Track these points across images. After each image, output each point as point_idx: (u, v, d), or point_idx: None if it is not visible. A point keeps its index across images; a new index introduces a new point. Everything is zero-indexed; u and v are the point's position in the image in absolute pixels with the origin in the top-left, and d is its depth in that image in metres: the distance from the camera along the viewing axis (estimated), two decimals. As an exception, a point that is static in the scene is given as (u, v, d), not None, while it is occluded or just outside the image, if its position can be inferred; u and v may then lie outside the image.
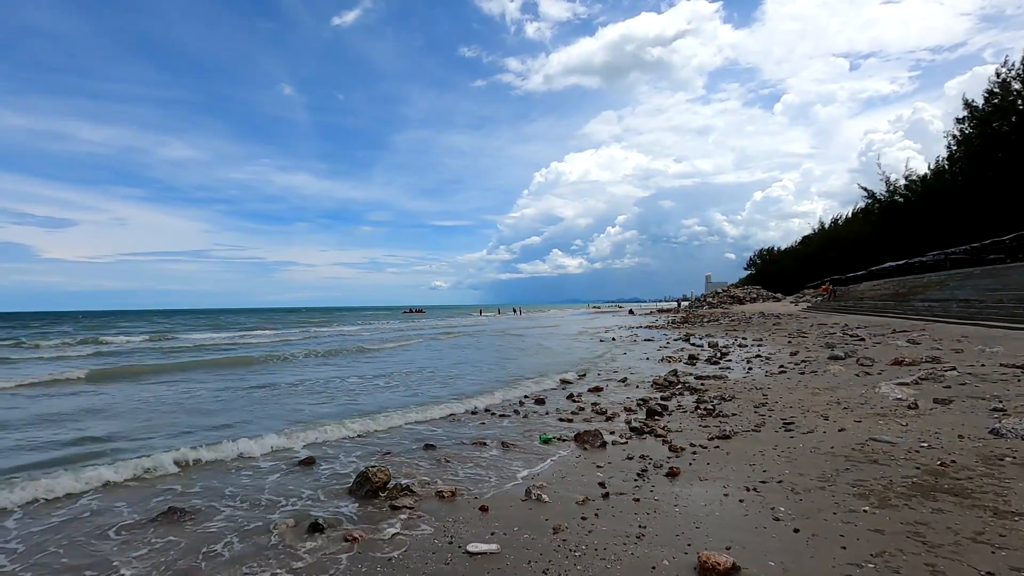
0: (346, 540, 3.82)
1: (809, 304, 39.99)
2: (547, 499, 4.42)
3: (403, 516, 4.23)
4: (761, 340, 18.20)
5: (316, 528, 4.01)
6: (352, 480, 4.98)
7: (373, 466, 4.92)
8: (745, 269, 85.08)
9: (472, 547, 3.57)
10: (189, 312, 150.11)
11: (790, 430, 6.14)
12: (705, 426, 6.66)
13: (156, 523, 4.24)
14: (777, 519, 3.76)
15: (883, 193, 44.35)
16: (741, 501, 4.15)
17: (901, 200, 41.81)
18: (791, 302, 46.42)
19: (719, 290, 64.82)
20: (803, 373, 10.19)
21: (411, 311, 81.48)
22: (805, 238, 69.45)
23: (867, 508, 3.81)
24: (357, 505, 4.53)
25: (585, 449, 5.96)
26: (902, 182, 42.17)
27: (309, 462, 5.87)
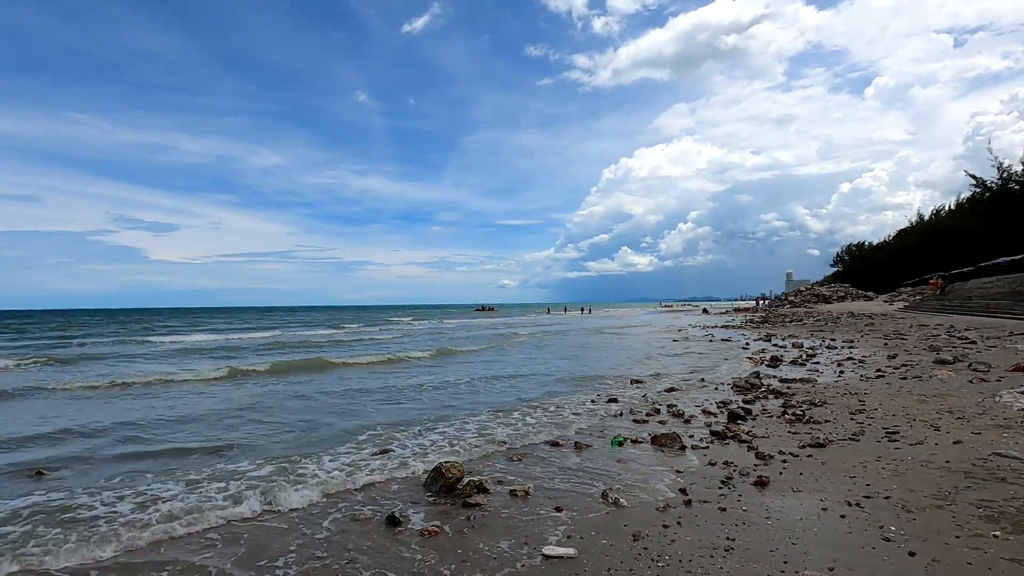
0: (422, 535, 3.83)
1: (906, 303, 36.74)
2: (625, 503, 4.23)
3: (477, 514, 4.19)
4: (852, 342, 16.86)
5: (393, 521, 4.06)
6: (426, 475, 5.01)
7: (447, 462, 4.93)
8: (831, 266, 79.38)
9: (548, 550, 3.46)
10: (278, 309, 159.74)
11: (894, 440, 5.57)
12: (795, 433, 6.18)
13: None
14: (888, 539, 3.38)
15: (994, 181, 39.77)
16: (843, 517, 3.78)
17: (1017, 188, 37.41)
18: (884, 301, 42.85)
19: (801, 288, 61.02)
20: (905, 378, 9.28)
21: (482, 309, 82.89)
22: (901, 232, 63.76)
23: (998, 533, 3.34)
24: (431, 500, 4.55)
25: (662, 452, 5.70)
26: (1017, 168, 37.69)
27: (383, 452, 6.00)
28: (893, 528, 3.53)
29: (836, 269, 77.03)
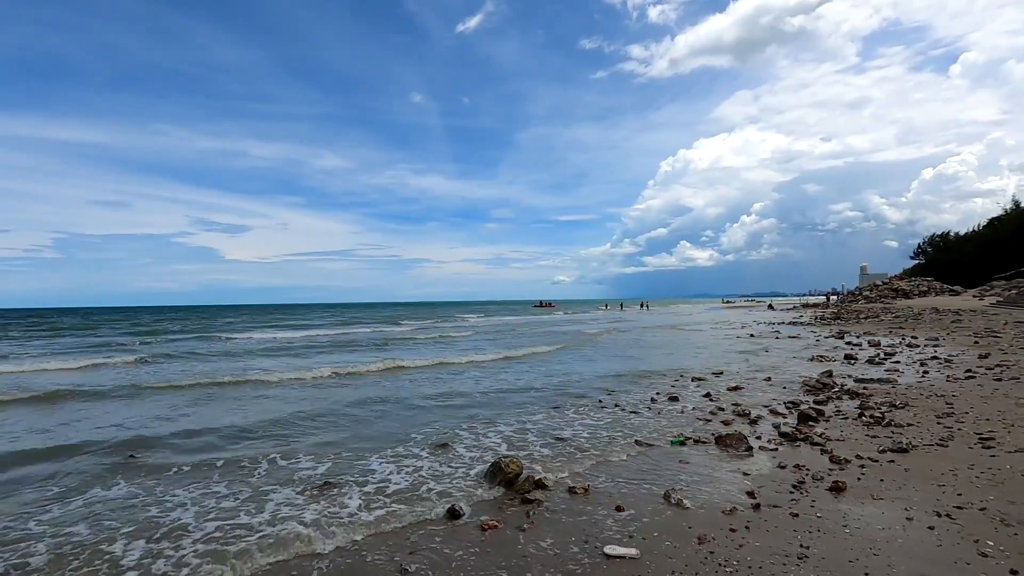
0: (482, 529, 3.86)
1: (999, 298, 33.67)
2: (688, 505, 4.10)
3: (536, 509, 4.18)
4: (937, 340, 15.64)
5: (454, 514, 4.12)
6: (485, 468, 5.06)
7: (505, 457, 4.95)
8: (911, 258, 73.69)
9: (610, 549, 3.40)
10: (342, 305, 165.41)
11: (989, 447, 5.11)
12: (873, 436, 5.80)
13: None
14: (984, 555, 3.10)
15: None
16: (931, 528, 3.50)
17: None
18: (974, 296, 39.46)
19: (878, 282, 57.18)
20: (1000, 380, 8.51)
21: (541, 304, 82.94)
22: (993, 220, 58.33)
23: (1119, 554, 3.00)
24: (491, 495, 4.58)
25: (727, 453, 5.48)
26: None
27: (443, 445, 6.10)
28: (991, 543, 3.23)
29: (917, 262, 71.51)
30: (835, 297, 62.53)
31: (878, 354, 12.79)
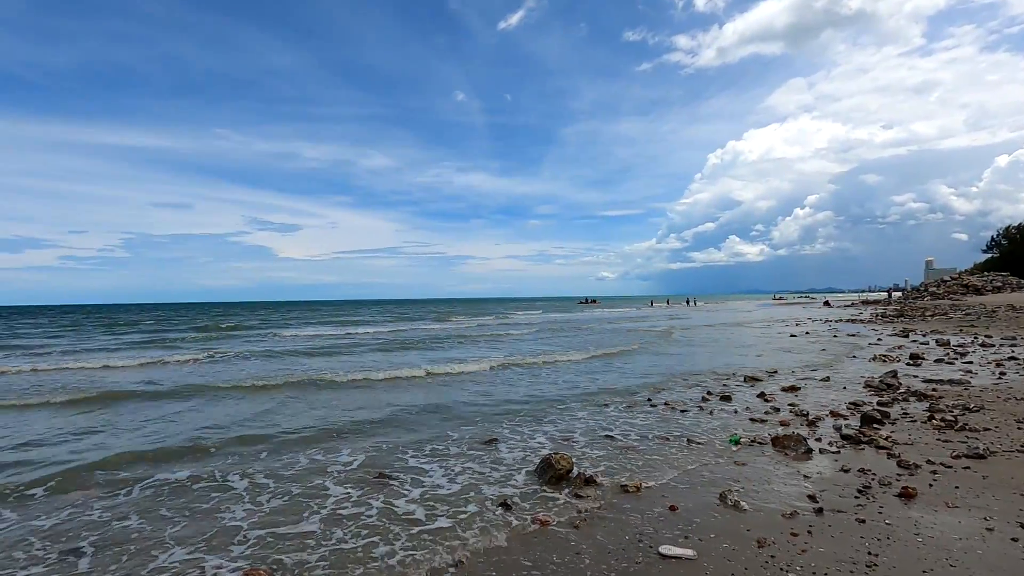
0: (534, 523, 3.88)
1: (1086, 294, 31.07)
2: (746, 507, 3.99)
3: (588, 506, 4.16)
4: (1015, 339, 14.60)
5: (506, 507, 4.15)
6: (535, 464, 5.08)
7: (556, 453, 4.95)
8: (983, 252, 68.83)
9: (665, 549, 3.35)
10: (390, 302, 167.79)
11: (1079, 455, 4.74)
12: (945, 441, 5.47)
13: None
14: (1078, 571, 2.88)
15: None
16: (1015, 540, 3.28)
17: None
18: (1056, 292, 36.57)
19: (945, 278, 53.82)
20: (1089, 382, 7.87)
21: (586, 301, 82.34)
22: (1078, 210, 53.78)
23: None
24: (542, 490, 4.59)
25: (786, 455, 5.29)
26: None
27: (491, 441, 6.16)
28: (1085, 558, 3.00)
29: (990, 256, 66.73)
30: (897, 293, 59.17)
31: (948, 354, 12.06)
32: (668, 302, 73.87)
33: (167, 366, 14.29)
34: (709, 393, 8.73)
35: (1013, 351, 12.13)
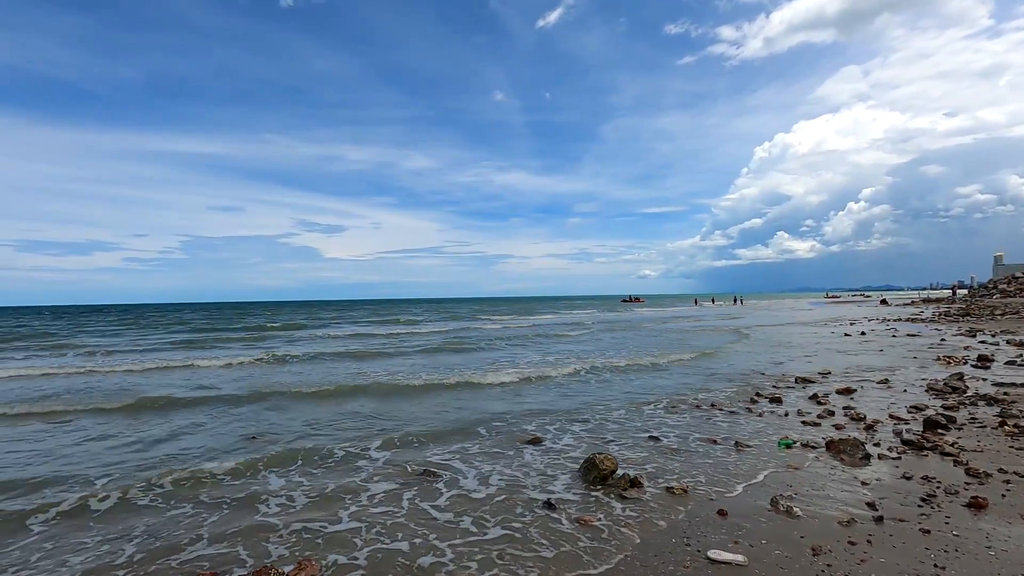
0: (578, 523, 3.86)
1: None
2: (799, 513, 3.85)
3: (633, 508, 4.11)
4: (1097, 340, 13.51)
5: (550, 507, 4.15)
6: (579, 464, 5.05)
7: (600, 453, 4.91)
8: (1061, 246, 63.98)
9: (714, 554, 3.27)
10: (433, 300, 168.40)
11: None
12: (1019, 448, 5.13)
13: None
14: None
15: None
16: (1101, 557, 3.04)
17: None
18: None
19: (1017, 274, 50.32)
20: None
21: (630, 299, 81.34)
22: None
23: None
24: (585, 490, 4.56)
25: (841, 460, 5.07)
26: None
27: (535, 440, 6.16)
28: None
29: (1068, 250, 61.91)
30: (962, 291, 55.75)
31: (1021, 355, 11.28)
32: (713, 300, 71.81)
33: (243, 367, 13.78)
34: (758, 394, 8.46)
35: (1096, 353, 11.23)
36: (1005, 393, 7.64)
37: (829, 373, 10.33)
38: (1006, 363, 10.56)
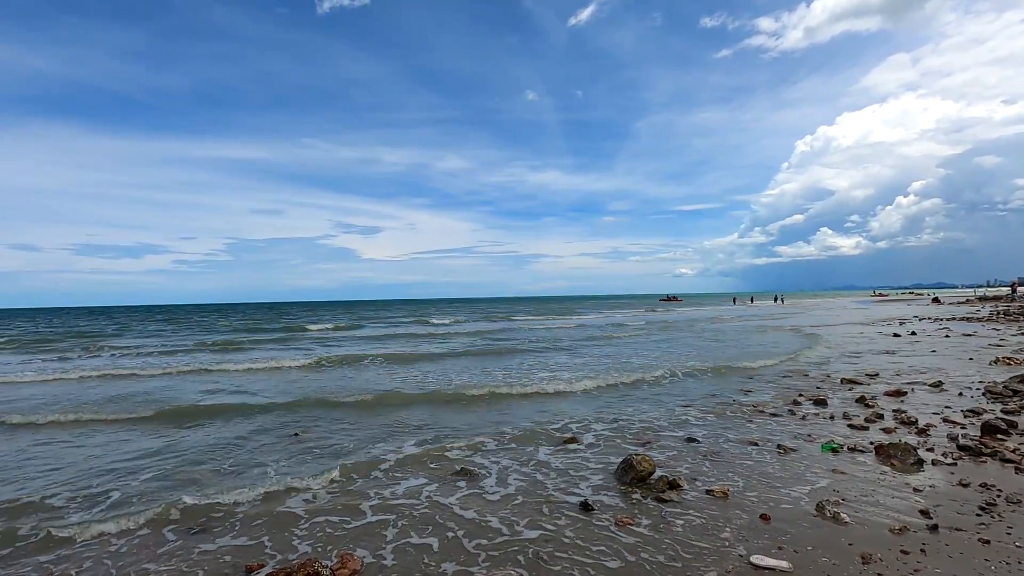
0: (617, 524, 3.83)
1: None
2: (847, 519, 3.72)
3: (672, 510, 4.05)
4: None
5: (586, 508, 4.13)
6: (616, 465, 5.00)
7: (637, 454, 4.85)
8: None
9: (757, 559, 3.19)
10: (468, 300, 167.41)
11: None
12: (1089, 456, 4.81)
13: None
14: None
15: None
16: None
17: None
18: None
19: (1084, 270, 47.11)
20: None
21: (668, 299, 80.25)
22: None
23: None
24: (623, 491, 4.51)
25: (891, 466, 4.87)
26: None
27: (571, 440, 6.14)
28: None
29: None
30: (1022, 288, 52.73)
31: (1089, 357, 10.59)
32: (752, 300, 69.72)
33: (287, 372, 13.09)
34: (801, 395, 8.21)
35: None
36: (1072, 397, 7.19)
37: (877, 375, 9.93)
38: (1073, 365, 9.93)
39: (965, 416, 6.50)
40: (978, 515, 3.71)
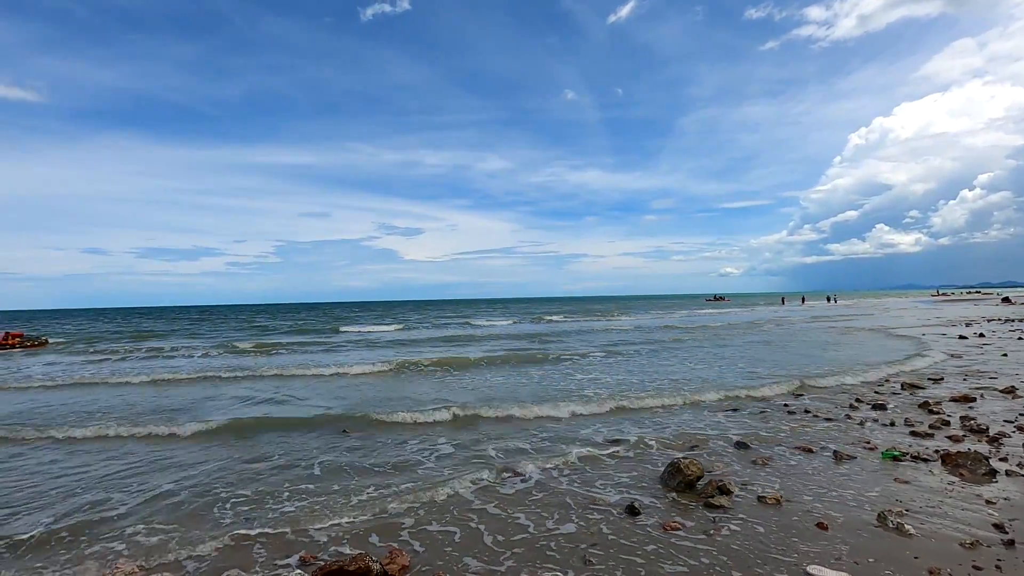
0: (664, 529, 3.76)
1: None
2: (911, 531, 3.53)
3: (722, 516, 3.94)
4: None
5: (633, 511, 4.07)
6: (662, 468, 4.91)
7: (684, 458, 4.75)
8: None
9: (814, 569, 3.07)
10: (508, 301, 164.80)
11: None
12: None
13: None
14: None
15: None
16: None
17: None
18: None
19: None
20: None
21: (715, 298, 78.78)
22: None
23: None
24: (670, 496, 4.43)
25: (960, 476, 4.59)
26: None
27: (615, 442, 6.06)
28: None
29: None
30: (1106, 288, 48.59)
31: None
32: (803, 300, 66.89)
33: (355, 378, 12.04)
34: (858, 400, 7.85)
35: None
36: None
37: (942, 379, 9.39)
38: None
39: (1042, 424, 6.07)
40: (1060, 531, 3.45)
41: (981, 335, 17.32)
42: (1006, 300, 46.63)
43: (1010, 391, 8.03)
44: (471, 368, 13.28)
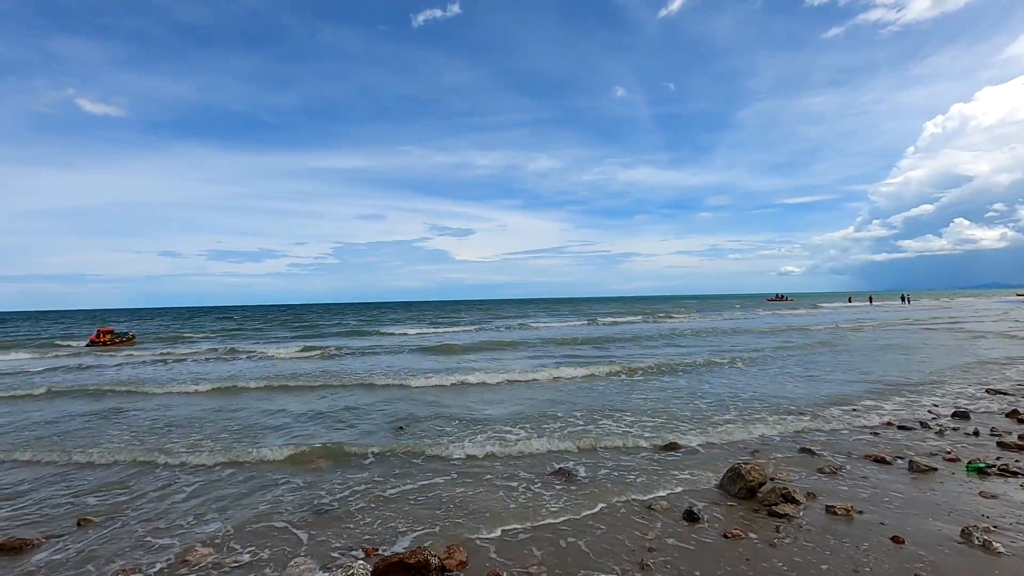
0: (725, 536, 3.66)
1: None
2: (1001, 549, 3.28)
3: (787, 525, 3.80)
4: None
5: (692, 517, 3.99)
6: (721, 474, 4.78)
7: (746, 463, 4.60)
8: None
9: (890, 586, 2.91)
10: (559, 301, 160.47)
11: None
12: None
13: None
14: None
15: None
16: None
17: None
18: None
19: None
20: None
21: (776, 298, 75.97)
22: None
23: None
24: (731, 502, 4.30)
25: (1057, 492, 4.23)
26: None
27: (672, 447, 5.94)
28: None
29: None
30: None
31: None
32: (871, 300, 63.01)
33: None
34: (936, 406, 7.36)
35: None
36: None
37: (1033, 386, 8.64)
38: None
39: None
40: None
41: (1080, 339, 15.78)
42: (1109, 300, 42.08)
43: (1115, 401, 7.30)
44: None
